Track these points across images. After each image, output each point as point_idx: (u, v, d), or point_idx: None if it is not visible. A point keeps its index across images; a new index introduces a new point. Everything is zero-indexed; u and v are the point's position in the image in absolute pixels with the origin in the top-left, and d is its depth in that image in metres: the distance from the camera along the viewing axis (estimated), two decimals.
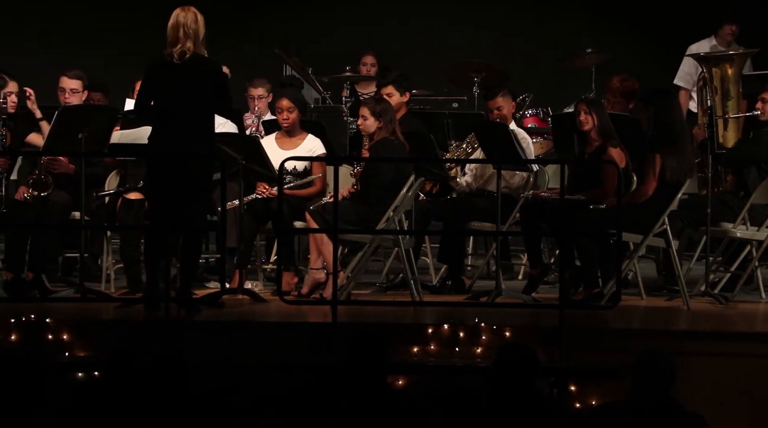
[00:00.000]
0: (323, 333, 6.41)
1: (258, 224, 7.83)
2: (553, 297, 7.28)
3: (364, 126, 7.71)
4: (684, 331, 6.80)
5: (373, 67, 10.01)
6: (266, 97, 8.65)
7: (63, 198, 7.64)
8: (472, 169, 8.19)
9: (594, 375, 6.18)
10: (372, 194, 7.58)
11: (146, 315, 6.80)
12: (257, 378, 6.08)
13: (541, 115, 9.41)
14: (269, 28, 11.37)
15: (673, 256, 7.44)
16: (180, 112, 6.79)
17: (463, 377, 6.18)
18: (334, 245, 6.79)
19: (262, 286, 7.85)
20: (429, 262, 8.41)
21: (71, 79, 8.00)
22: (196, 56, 6.80)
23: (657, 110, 7.48)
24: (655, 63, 10.18)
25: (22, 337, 6.36)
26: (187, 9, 6.83)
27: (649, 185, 7.41)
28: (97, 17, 11.05)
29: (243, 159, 7.48)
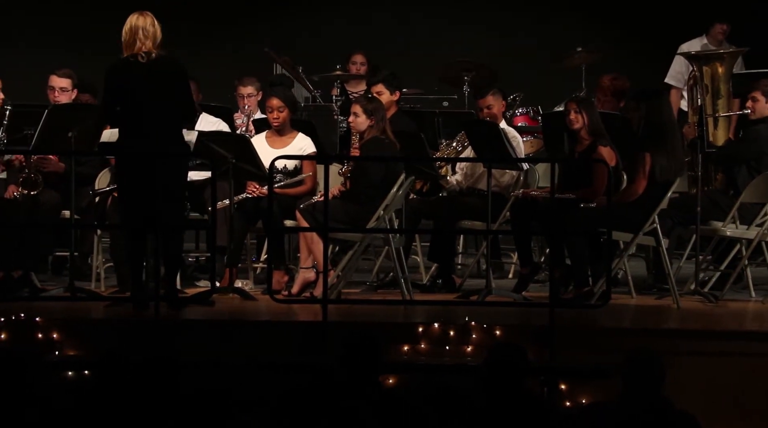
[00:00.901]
0: (313, 332, 6.40)
1: (248, 223, 7.82)
2: (544, 296, 7.28)
3: (355, 124, 7.71)
4: (674, 330, 6.80)
5: (363, 66, 10.00)
6: (256, 95, 8.64)
7: (53, 197, 7.62)
8: (462, 168, 8.19)
9: (584, 374, 6.19)
10: (362, 192, 7.57)
11: (136, 314, 6.79)
12: (249, 378, 6.07)
13: (532, 114, 9.41)
14: (259, 27, 11.36)
15: (663, 255, 7.45)
16: (150, 111, 6.81)
17: (454, 376, 6.17)
18: (325, 243, 6.79)
19: (252, 285, 7.84)
20: (419, 261, 8.41)
21: (60, 77, 7.99)
22: (161, 56, 6.83)
23: (648, 109, 7.49)
24: (646, 62, 10.19)
25: (11, 336, 6.34)
26: (145, 14, 6.87)
27: (639, 184, 7.41)
28: (89, 17, 11.03)
29: (233, 158, 7.47)
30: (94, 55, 8.22)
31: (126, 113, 6.88)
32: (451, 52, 10.69)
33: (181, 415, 5.56)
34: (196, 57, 10.21)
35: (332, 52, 10.31)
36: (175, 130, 6.93)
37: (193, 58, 9.54)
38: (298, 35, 11.29)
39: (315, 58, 10.32)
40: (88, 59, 9.11)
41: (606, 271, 6.72)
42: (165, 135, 6.85)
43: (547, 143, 8.58)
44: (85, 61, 8.95)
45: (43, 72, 8.14)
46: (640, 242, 7.51)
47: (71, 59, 9.12)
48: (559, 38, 10.75)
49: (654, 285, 7.92)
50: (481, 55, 10.23)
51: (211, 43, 11.28)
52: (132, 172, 6.92)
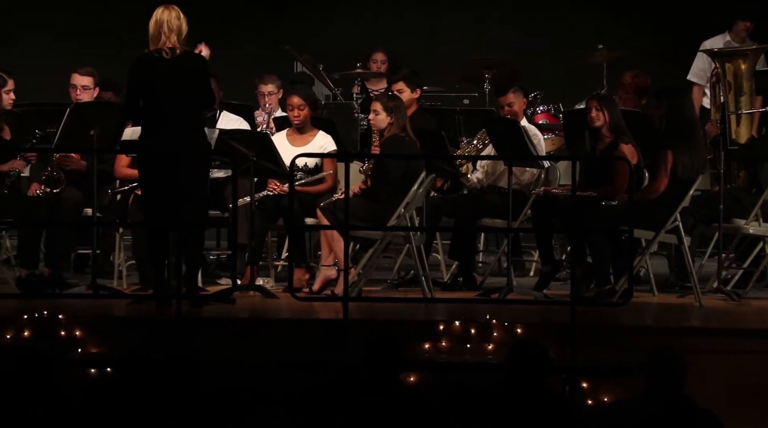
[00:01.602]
0: (334, 330, 6.40)
1: (269, 220, 7.83)
2: (565, 294, 7.26)
3: (376, 121, 7.71)
4: (696, 328, 6.77)
5: (383, 64, 10.00)
6: (276, 93, 8.65)
7: (75, 195, 7.65)
8: (483, 165, 8.18)
9: (606, 372, 6.17)
10: (383, 190, 7.57)
11: (158, 312, 6.81)
12: (269, 376, 6.08)
13: (553, 111, 9.39)
14: (280, 24, 11.37)
15: (686, 253, 7.42)
16: (172, 107, 6.82)
17: (475, 374, 6.16)
18: (345, 241, 6.79)
19: (273, 283, 7.85)
20: (440, 259, 8.40)
21: (82, 76, 8.01)
22: (185, 51, 6.84)
23: (669, 107, 7.46)
24: (668, 59, 10.15)
25: (34, 333, 6.37)
26: (171, 7, 6.89)
27: (660, 181, 7.39)
28: (112, 14, 11.07)
29: (254, 156, 7.48)
30: (117, 53, 8.24)
31: (148, 108, 6.89)
32: (472, 49, 10.67)
33: (201, 413, 5.57)
34: (217, 55, 10.20)
35: (353, 50, 10.31)
36: (198, 126, 6.95)
37: (214, 56, 9.55)
38: (319, 33, 11.30)
39: (335, 56, 10.33)
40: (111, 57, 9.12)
41: (628, 269, 6.70)
42: (187, 132, 6.87)
43: (568, 141, 8.56)
44: (108, 58, 8.97)
45: (66, 70, 8.17)
46: (662, 240, 7.48)
47: (93, 57, 9.14)
48: (581, 35, 10.72)
49: (676, 283, 7.89)
50: (502, 53, 10.22)
51: (232, 41, 11.29)
52: (154, 169, 6.93)
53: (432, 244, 8.33)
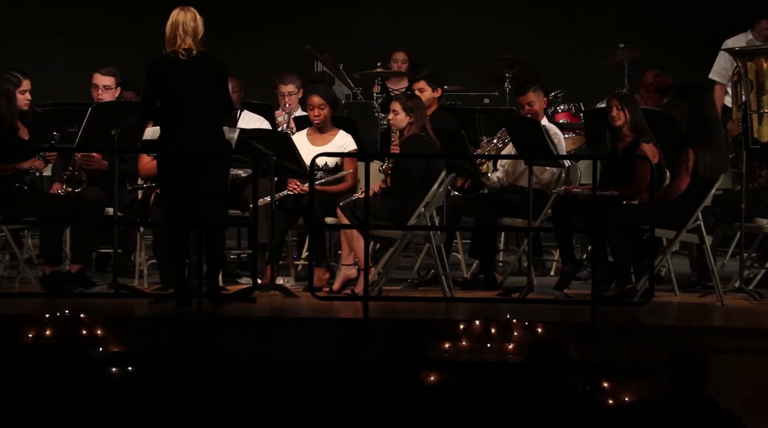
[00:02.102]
0: (354, 329, 6.40)
1: (289, 220, 7.84)
2: (586, 294, 7.25)
3: (395, 121, 7.70)
4: (718, 328, 6.75)
5: (404, 64, 10.00)
6: (297, 93, 8.66)
7: (96, 194, 7.67)
8: (503, 165, 8.17)
9: (627, 372, 6.15)
10: (403, 190, 7.57)
11: (179, 311, 6.83)
12: (290, 375, 6.09)
13: (573, 110, 9.36)
14: (300, 24, 11.38)
15: (707, 252, 7.39)
16: (191, 108, 6.85)
17: (495, 373, 6.16)
18: (366, 241, 6.79)
19: (293, 282, 7.86)
20: (460, 258, 8.40)
21: (104, 76, 8.04)
22: (202, 53, 6.86)
23: (691, 105, 7.44)
24: (690, 58, 10.11)
25: (56, 332, 6.40)
26: (187, 9, 6.91)
27: (682, 180, 7.36)
28: (133, 14, 11.10)
29: (274, 155, 7.49)
30: (138, 53, 8.27)
31: (165, 109, 6.92)
32: (492, 48, 10.66)
33: (222, 411, 5.58)
34: (238, 54, 10.24)
35: (373, 50, 10.31)
36: (215, 126, 6.96)
37: (235, 56, 9.56)
38: (339, 32, 11.30)
39: (356, 55, 10.33)
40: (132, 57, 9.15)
41: (649, 268, 6.68)
42: (204, 132, 6.88)
43: (589, 140, 8.54)
44: (129, 58, 9.00)
45: (88, 70, 8.20)
46: (684, 240, 7.46)
47: (115, 57, 9.18)
48: (602, 34, 10.69)
49: (698, 283, 7.87)
50: (522, 52, 10.19)
51: (253, 40, 11.32)
52: (173, 169, 6.96)
53: (452, 243, 8.32)
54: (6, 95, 7.37)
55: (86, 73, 8.18)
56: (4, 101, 7.36)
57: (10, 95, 7.37)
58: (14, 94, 7.39)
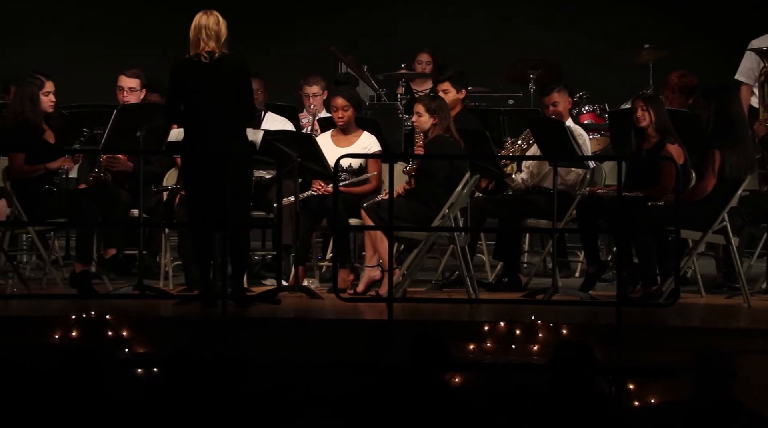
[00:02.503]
0: (379, 331, 6.41)
1: (314, 221, 7.85)
2: (611, 295, 7.22)
3: (419, 123, 7.70)
4: (744, 329, 6.72)
5: (428, 66, 9.99)
6: (321, 94, 8.67)
7: (122, 196, 7.70)
8: (528, 166, 8.15)
9: (652, 373, 6.13)
10: (427, 191, 7.56)
11: (203, 312, 6.84)
12: (314, 377, 6.09)
13: (598, 111, 9.34)
14: (324, 25, 11.40)
15: (733, 253, 7.35)
16: (213, 110, 6.87)
17: (520, 375, 6.15)
18: (390, 242, 6.79)
19: (318, 283, 7.87)
20: (485, 259, 8.39)
21: (129, 77, 8.07)
22: (224, 56, 6.88)
23: (717, 106, 7.40)
24: (716, 58, 10.06)
25: (82, 334, 6.42)
26: (210, 12, 6.94)
27: (708, 181, 7.33)
28: (158, 17, 11.15)
29: (298, 157, 7.51)
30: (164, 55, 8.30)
31: (188, 112, 6.95)
32: (516, 49, 10.64)
33: (247, 413, 5.59)
34: (262, 56, 10.27)
35: (397, 51, 10.31)
36: (238, 129, 6.98)
37: (259, 58, 9.61)
38: (364, 34, 11.31)
39: (380, 56, 10.33)
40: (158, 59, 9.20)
41: (674, 270, 6.65)
42: (227, 134, 6.90)
43: (614, 141, 8.51)
44: (154, 60, 9.04)
45: (113, 72, 8.24)
46: (710, 241, 7.42)
47: (140, 59, 9.22)
48: (627, 35, 10.66)
49: (724, 284, 7.83)
50: (547, 53, 10.18)
51: (277, 42, 11.34)
52: (198, 171, 6.98)
53: (476, 245, 8.31)
54: (30, 98, 7.41)
55: (112, 75, 8.22)
56: (28, 103, 7.40)
57: (35, 97, 7.41)
58: (38, 96, 7.42)
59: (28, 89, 7.42)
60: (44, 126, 7.50)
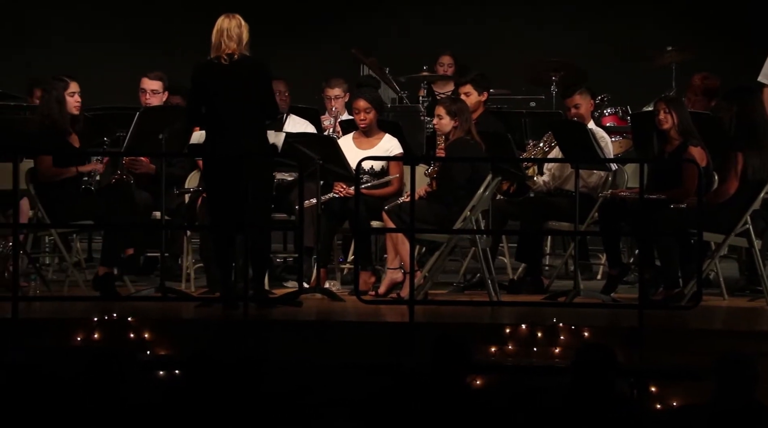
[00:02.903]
0: (400, 333, 6.41)
1: (335, 223, 7.86)
2: (633, 297, 7.20)
3: (440, 126, 7.70)
4: (767, 332, 6.68)
5: (450, 68, 9.99)
6: (343, 97, 8.67)
7: (144, 198, 7.73)
8: (549, 168, 8.14)
9: (674, 376, 6.10)
10: (449, 193, 7.56)
11: (225, 314, 6.86)
12: (336, 379, 6.10)
13: (620, 114, 9.31)
14: (346, 28, 11.41)
15: (756, 256, 7.32)
16: (233, 112, 6.89)
17: (542, 377, 6.14)
18: (411, 244, 6.79)
19: (339, 285, 7.88)
20: (506, 262, 8.38)
21: (152, 80, 8.10)
22: (244, 57, 6.90)
23: (740, 108, 7.37)
24: (738, 60, 10.02)
25: (104, 336, 6.45)
26: (232, 16, 6.96)
27: (730, 184, 7.30)
28: (181, 19, 11.20)
29: (320, 159, 7.52)
30: (186, 57, 8.34)
31: (209, 114, 6.98)
32: (538, 51, 10.62)
33: (268, 415, 5.60)
34: (284, 58, 10.29)
35: (419, 53, 10.31)
36: (258, 130, 6.99)
37: (281, 60, 9.62)
38: (386, 36, 11.32)
39: (402, 59, 10.34)
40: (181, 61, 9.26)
41: (697, 272, 6.63)
42: (247, 136, 6.92)
43: (636, 143, 8.49)
44: (178, 63, 9.08)
45: (136, 74, 8.27)
46: (732, 244, 7.39)
47: (163, 61, 9.26)
48: (649, 37, 10.62)
49: (746, 287, 7.79)
50: (569, 55, 10.16)
51: (299, 44, 11.36)
52: (219, 173, 7.00)
53: (498, 247, 8.29)
54: (57, 100, 7.44)
55: (135, 78, 8.25)
56: (55, 105, 7.44)
57: (61, 99, 7.44)
58: (64, 97, 7.46)
59: (54, 92, 7.45)
60: (69, 128, 7.54)
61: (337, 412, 5.91)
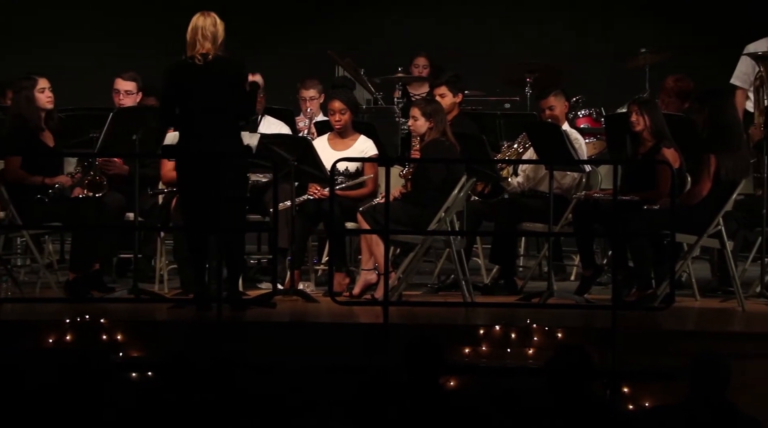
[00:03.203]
0: (375, 334, 6.40)
1: (310, 225, 7.85)
2: (606, 298, 7.23)
3: (415, 127, 7.71)
4: (739, 333, 6.72)
5: (425, 69, 10.00)
6: (318, 98, 8.67)
7: (117, 199, 7.70)
8: (524, 170, 8.16)
9: (647, 376, 6.13)
10: (423, 195, 7.57)
11: (199, 316, 6.84)
12: (310, 380, 6.09)
13: (594, 115, 9.35)
14: (321, 29, 11.41)
15: (728, 257, 7.36)
16: (207, 113, 6.86)
17: (515, 378, 6.15)
18: (386, 246, 6.79)
19: (313, 287, 7.87)
20: (480, 263, 8.39)
21: (125, 81, 8.07)
22: (219, 57, 6.87)
23: (712, 110, 7.41)
24: (711, 63, 10.08)
25: (77, 337, 6.42)
26: (207, 14, 6.93)
27: (703, 185, 7.33)
28: (156, 20, 11.16)
29: (295, 160, 7.51)
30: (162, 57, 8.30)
31: (183, 115, 6.95)
32: (513, 53, 10.64)
33: (242, 417, 5.59)
34: (259, 59, 10.26)
35: (394, 55, 10.32)
36: (232, 131, 6.96)
37: (256, 61, 9.56)
38: (361, 38, 11.32)
39: (377, 60, 10.34)
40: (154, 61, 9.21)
41: (669, 273, 6.65)
42: (221, 136, 6.90)
43: (610, 145, 8.52)
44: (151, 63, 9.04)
45: (109, 74, 8.24)
46: (705, 245, 7.43)
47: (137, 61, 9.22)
48: (623, 39, 10.67)
49: (718, 288, 7.83)
50: (544, 57, 10.18)
51: (274, 45, 11.34)
52: (193, 174, 6.98)
53: (472, 248, 8.31)
54: (26, 98, 7.43)
55: (108, 78, 8.22)
56: (24, 104, 7.42)
57: (30, 97, 7.43)
58: (33, 95, 7.44)
59: (23, 91, 7.44)
60: (43, 124, 7.50)
61: (312, 413, 5.90)
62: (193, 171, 6.96)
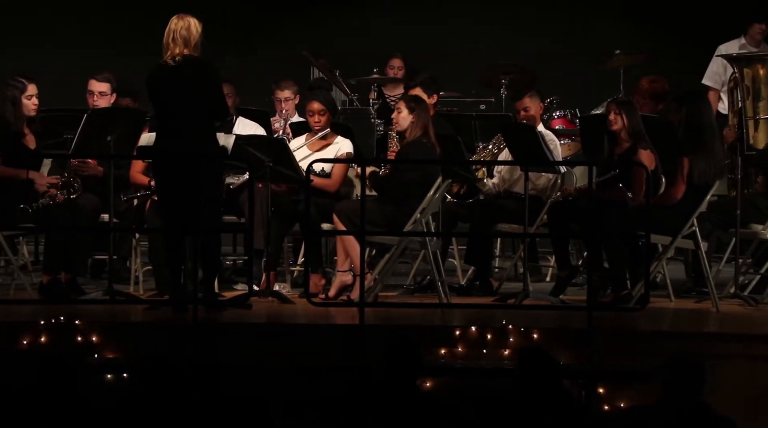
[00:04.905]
0: (351, 335, 6.40)
1: (286, 226, 7.84)
2: (581, 299, 7.25)
3: (398, 119, 7.68)
4: (713, 333, 6.75)
5: (401, 71, 10.01)
6: (293, 99, 8.66)
7: (92, 201, 7.67)
8: (499, 171, 8.18)
9: (623, 377, 6.15)
10: (399, 195, 7.57)
11: (174, 317, 6.82)
12: (286, 381, 6.08)
13: (569, 117, 9.38)
14: (297, 30, 11.39)
15: (702, 258, 7.40)
16: (178, 113, 6.87)
17: (491, 379, 6.16)
18: (361, 247, 6.79)
19: (289, 288, 7.86)
20: (456, 264, 8.40)
21: (100, 82, 8.03)
22: (190, 58, 6.87)
23: (689, 111, 7.45)
24: (684, 64, 10.13)
25: (51, 339, 6.39)
26: (183, 17, 6.93)
27: (677, 188, 7.37)
28: (132, 21, 11.12)
29: (270, 161, 7.49)
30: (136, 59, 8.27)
31: (158, 116, 6.96)
32: (489, 54, 10.66)
33: (219, 418, 5.58)
34: (234, 61, 10.25)
35: (370, 56, 10.32)
36: (206, 131, 6.96)
37: (230, 62, 9.57)
38: (336, 39, 11.31)
39: (352, 61, 10.34)
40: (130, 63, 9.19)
41: (644, 274, 6.68)
42: (195, 137, 6.89)
43: (584, 146, 8.54)
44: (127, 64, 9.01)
45: (84, 75, 8.20)
46: (679, 246, 7.46)
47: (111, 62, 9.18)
48: (598, 41, 10.71)
49: (693, 289, 7.87)
50: (519, 58, 10.21)
51: (249, 47, 11.32)
52: (168, 175, 6.96)
53: (448, 249, 8.32)
54: (12, 101, 7.39)
55: (82, 80, 8.18)
56: (9, 107, 7.38)
57: (16, 101, 7.39)
58: (20, 99, 7.41)
59: (9, 92, 7.39)
60: (26, 130, 7.47)
61: (289, 415, 5.89)
62: (169, 172, 6.94)
